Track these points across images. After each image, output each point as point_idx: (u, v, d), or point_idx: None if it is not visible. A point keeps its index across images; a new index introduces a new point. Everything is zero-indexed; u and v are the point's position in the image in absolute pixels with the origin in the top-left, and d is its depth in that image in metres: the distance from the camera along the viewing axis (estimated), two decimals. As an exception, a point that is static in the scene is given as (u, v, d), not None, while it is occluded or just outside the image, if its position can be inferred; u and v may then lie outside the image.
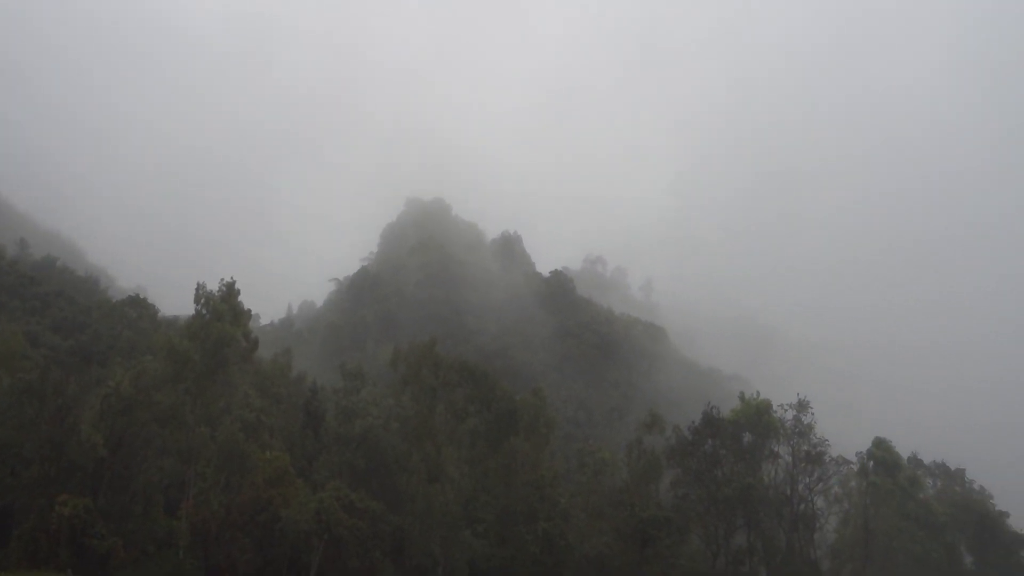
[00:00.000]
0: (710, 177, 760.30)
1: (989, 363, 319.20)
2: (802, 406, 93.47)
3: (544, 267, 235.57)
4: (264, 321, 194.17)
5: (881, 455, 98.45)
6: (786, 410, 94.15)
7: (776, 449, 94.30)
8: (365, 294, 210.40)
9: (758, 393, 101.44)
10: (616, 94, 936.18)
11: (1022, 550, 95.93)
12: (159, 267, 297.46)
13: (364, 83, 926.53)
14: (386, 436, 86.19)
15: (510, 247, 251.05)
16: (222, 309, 77.49)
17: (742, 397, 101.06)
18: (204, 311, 77.61)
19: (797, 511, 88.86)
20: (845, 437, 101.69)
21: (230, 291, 79.66)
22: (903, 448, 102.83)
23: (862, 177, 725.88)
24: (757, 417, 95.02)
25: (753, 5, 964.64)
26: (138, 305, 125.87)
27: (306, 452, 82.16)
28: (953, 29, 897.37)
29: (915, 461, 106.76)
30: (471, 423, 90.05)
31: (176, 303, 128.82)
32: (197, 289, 78.80)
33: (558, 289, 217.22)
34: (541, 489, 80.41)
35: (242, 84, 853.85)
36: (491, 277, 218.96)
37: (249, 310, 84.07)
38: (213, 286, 79.31)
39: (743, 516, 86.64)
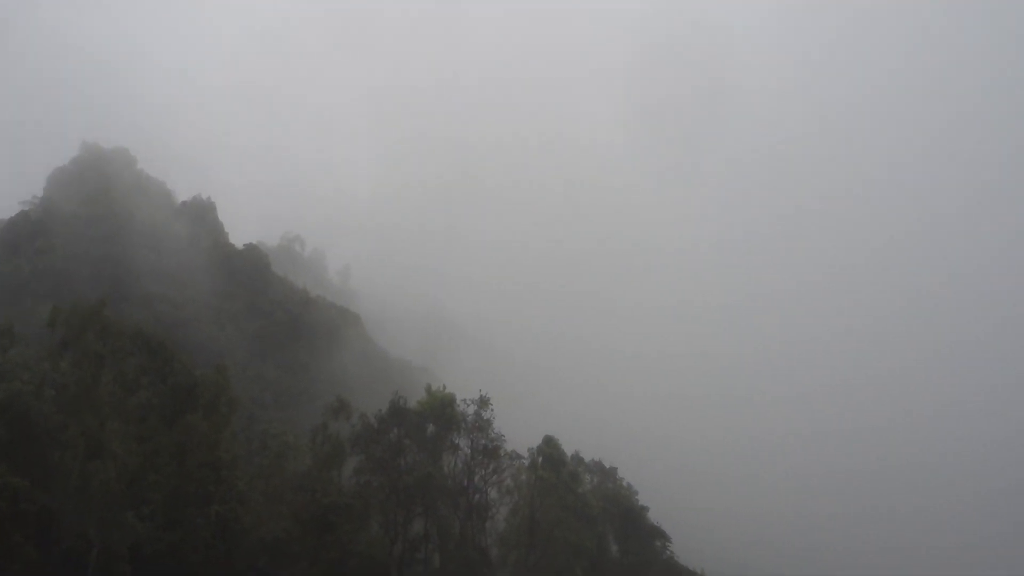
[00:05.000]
0: (411, 172, 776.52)
1: (645, 376, 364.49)
2: (483, 402, 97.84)
3: (238, 239, 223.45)
4: None
5: (549, 451, 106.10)
6: (468, 405, 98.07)
7: (457, 441, 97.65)
8: (24, 243, 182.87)
9: (444, 386, 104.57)
10: (322, 73, 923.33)
11: (657, 540, 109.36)
12: None
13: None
14: (38, 404, 75.41)
15: (202, 213, 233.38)
16: None
17: (428, 389, 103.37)
18: None
19: (472, 501, 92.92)
20: (519, 433, 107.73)
21: None
22: (568, 446, 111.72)
23: (551, 187, 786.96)
24: (441, 409, 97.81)
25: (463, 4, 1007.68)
26: None
27: (-68, 419, 69.53)
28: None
29: (577, 459, 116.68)
30: (142, 396, 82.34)
31: None
32: None
33: (252, 264, 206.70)
34: (218, 471, 75.63)
35: None
36: (179, 243, 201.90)
37: None
38: None
39: (422, 504, 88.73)
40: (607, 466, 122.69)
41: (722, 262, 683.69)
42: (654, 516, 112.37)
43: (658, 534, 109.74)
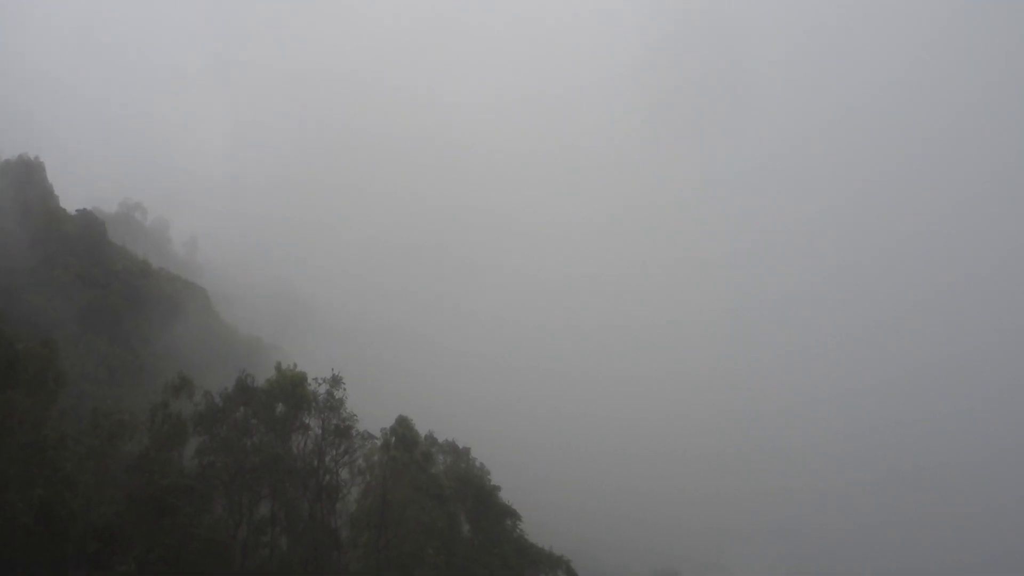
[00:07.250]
0: (265, 142, 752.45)
1: (505, 351, 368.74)
2: (335, 381, 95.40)
3: (71, 204, 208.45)
4: None
5: (402, 432, 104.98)
6: (320, 384, 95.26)
7: (307, 421, 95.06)
8: None
9: (295, 365, 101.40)
10: (172, 21, 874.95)
11: (507, 519, 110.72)
12: None
13: None
14: None
15: (29, 174, 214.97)
16: None
17: (278, 367, 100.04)
18: None
19: (322, 482, 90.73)
20: (373, 413, 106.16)
21: None
22: (423, 426, 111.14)
23: (414, 150, 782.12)
24: (292, 388, 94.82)
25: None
26: None
27: None
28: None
29: (431, 439, 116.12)
30: (-44, 371, 75.36)
31: None
32: None
33: (85, 231, 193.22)
34: (42, 451, 70.32)
35: None
36: (1, 205, 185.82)
37: None
38: None
39: (269, 486, 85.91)
40: (460, 446, 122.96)
41: (588, 235, 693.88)
42: (507, 495, 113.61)
43: (509, 513, 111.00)
